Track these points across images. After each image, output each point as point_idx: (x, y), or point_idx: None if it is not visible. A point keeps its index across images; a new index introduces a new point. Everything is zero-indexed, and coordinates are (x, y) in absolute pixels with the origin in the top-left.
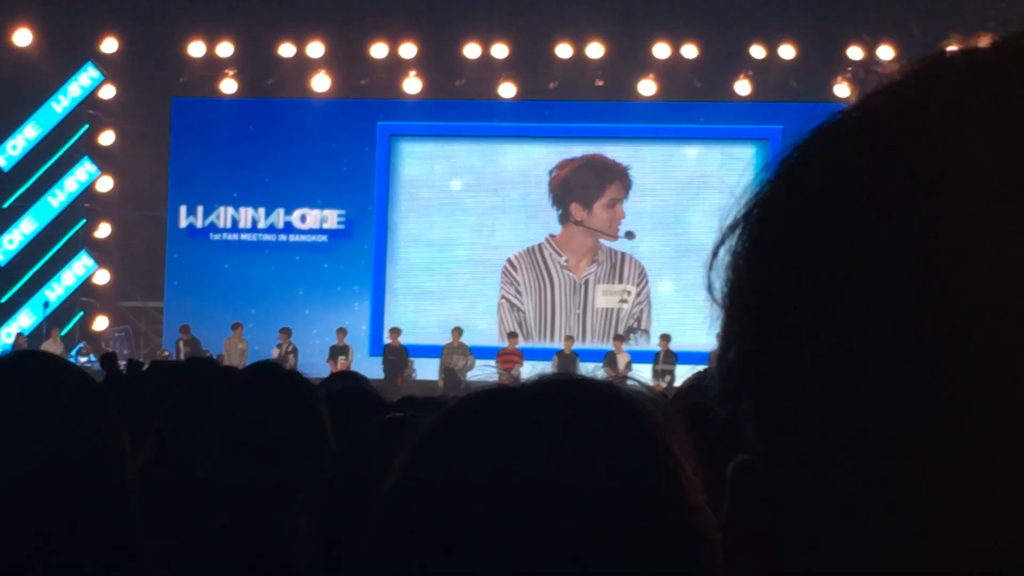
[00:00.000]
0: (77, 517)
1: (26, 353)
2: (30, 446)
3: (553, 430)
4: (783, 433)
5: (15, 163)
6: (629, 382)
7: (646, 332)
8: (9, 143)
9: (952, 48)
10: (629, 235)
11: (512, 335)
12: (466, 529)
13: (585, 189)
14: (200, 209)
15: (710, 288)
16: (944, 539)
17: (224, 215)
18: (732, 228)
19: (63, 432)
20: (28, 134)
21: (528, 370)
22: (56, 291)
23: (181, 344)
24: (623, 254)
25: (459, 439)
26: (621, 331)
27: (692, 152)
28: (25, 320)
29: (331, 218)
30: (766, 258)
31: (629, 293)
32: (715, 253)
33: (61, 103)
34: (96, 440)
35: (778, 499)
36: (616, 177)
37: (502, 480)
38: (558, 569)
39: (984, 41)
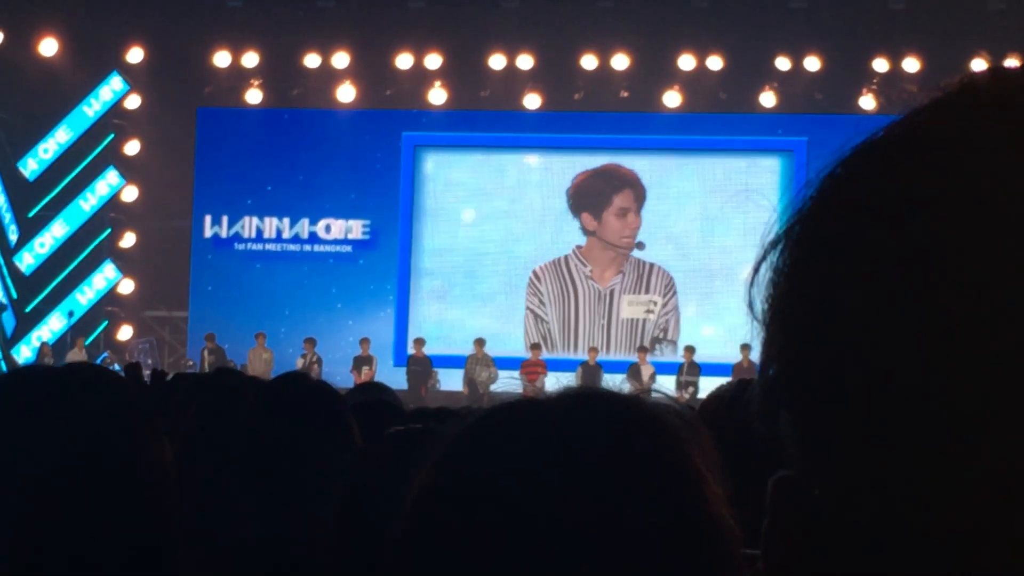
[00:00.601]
0: (122, 529)
1: (77, 366)
2: (80, 457)
3: (577, 444)
4: (823, 450)
5: (43, 170)
6: (653, 394)
7: (673, 343)
8: (40, 147)
9: (983, 68)
10: (639, 246)
11: (535, 347)
12: (489, 541)
13: (595, 199)
14: (225, 219)
15: (751, 305)
16: (981, 561)
17: (249, 225)
18: (774, 244)
19: (113, 444)
20: (60, 138)
21: (552, 381)
22: (82, 299)
23: (206, 353)
24: (651, 265)
25: (484, 452)
26: (646, 342)
27: (717, 163)
28: (51, 329)
29: (356, 228)
30: (809, 276)
31: (656, 303)
32: (756, 270)
33: (93, 107)
34: (145, 453)
35: (818, 515)
36: (626, 185)
37: (526, 494)
38: None
39: (1014, 62)
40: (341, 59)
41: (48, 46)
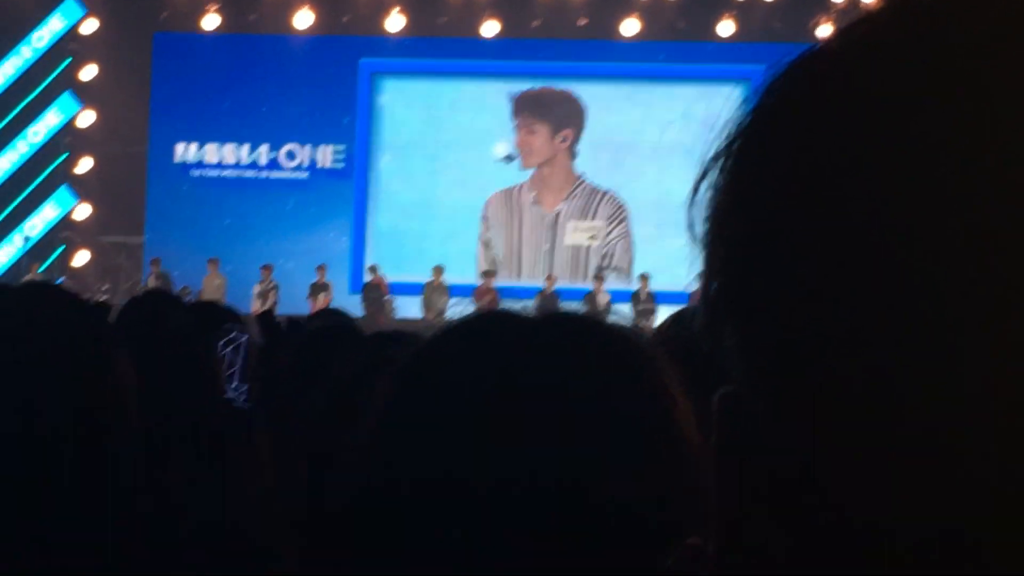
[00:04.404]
0: (84, 433)
1: (38, 283)
2: (43, 366)
3: (552, 351)
4: (767, 364)
5: None
6: (613, 318)
7: (620, 270)
8: None
9: None
10: (508, 158)
11: (488, 273)
12: (461, 439)
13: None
14: (182, 145)
15: (691, 226)
16: (932, 463)
17: (206, 151)
18: (714, 160)
19: (75, 354)
20: (7, 69)
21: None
22: (33, 228)
23: (152, 279)
24: (603, 192)
25: (460, 351)
26: (591, 269)
27: (675, 91)
28: (6, 254)
29: (320, 156)
30: (751, 188)
31: (599, 230)
32: (696, 189)
33: (42, 39)
34: (107, 365)
35: (763, 429)
36: (529, 106)
37: (502, 392)
38: (555, 484)
39: None
40: None
41: None
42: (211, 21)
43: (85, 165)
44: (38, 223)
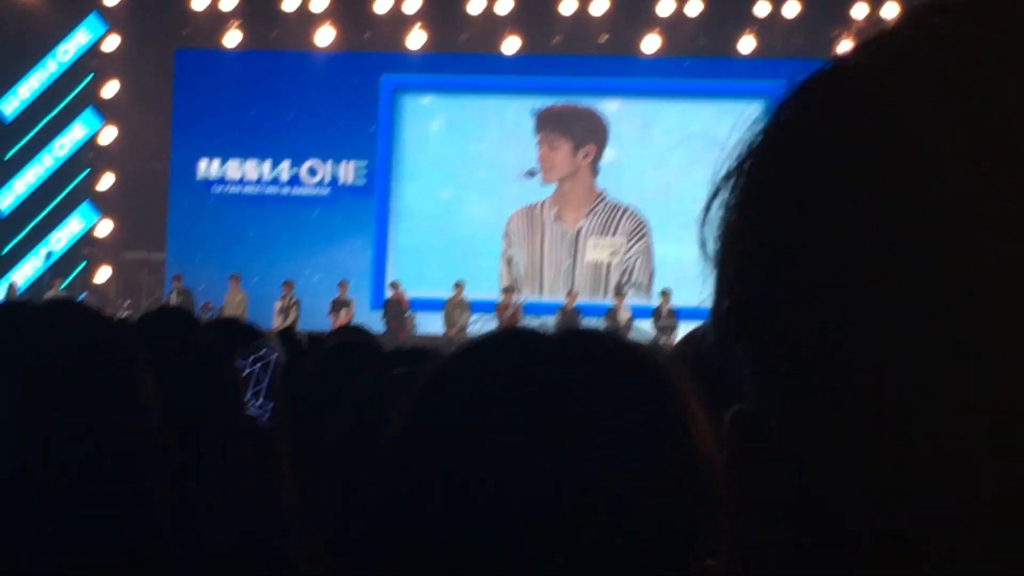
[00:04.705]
0: (106, 447)
1: (60, 300)
2: (72, 398)
3: (574, 369)
4: (778, 376)
5: (18, 113)
6: (633, 336)
7: (640, 286)
8: (19, 88)
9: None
10: (529, 173)
11: (508, 289)
12: (482, 454)
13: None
14: (204, 161)
15: (703, 244)
16: (948, 477)
17: (228, 167)
18: (726, 179)
19: (104, 387)
20: (32, 84)
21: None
22: (60, 241)
23: (174, 295)
24: (624, 209)
25: (480, 369)
26: (612, 286)
27: (695, 107)
28: (32, 266)
29: (342, 172)
30: (762, 206)
31: (620, 246)
32: (708, 208)
33: (67, 53)
34: (129, 375)
35: (776, 443)
36: (548, 123)
37: (522, 408)
38: (574, 498)
39: None
40: (319, 1)
41: None
42: (233, 38)
43: (107, 181)
44: (62, 237)
